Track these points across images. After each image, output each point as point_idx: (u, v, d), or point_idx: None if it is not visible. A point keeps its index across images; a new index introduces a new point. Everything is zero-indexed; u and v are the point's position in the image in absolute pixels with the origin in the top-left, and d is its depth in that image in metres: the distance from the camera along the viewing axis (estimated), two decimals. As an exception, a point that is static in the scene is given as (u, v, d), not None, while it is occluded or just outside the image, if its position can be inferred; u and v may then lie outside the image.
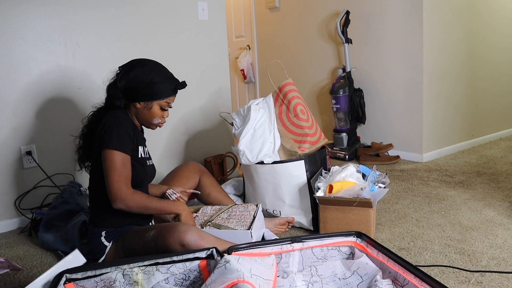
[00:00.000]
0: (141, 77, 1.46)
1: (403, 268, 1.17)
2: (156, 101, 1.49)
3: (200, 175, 1.89)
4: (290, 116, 1.97)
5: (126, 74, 1.47)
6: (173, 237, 1.32)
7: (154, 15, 2.50)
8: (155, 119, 1.52)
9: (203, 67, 2.75)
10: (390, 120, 3.15)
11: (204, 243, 1.32)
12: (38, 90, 2.16)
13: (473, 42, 3.24)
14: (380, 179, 1.83)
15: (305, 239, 1.35)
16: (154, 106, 1.50)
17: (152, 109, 1.50)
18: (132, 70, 1.47)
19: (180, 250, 1.31)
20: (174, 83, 1.52)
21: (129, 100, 1.49)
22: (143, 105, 1.50)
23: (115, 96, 1.48)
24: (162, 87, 1.48)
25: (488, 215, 1.94)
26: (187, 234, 1.32)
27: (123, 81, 1.47)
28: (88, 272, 1.13)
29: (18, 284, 1.54)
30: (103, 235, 1.47)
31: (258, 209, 1.73)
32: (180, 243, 1.31)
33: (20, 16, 2.07)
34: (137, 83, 1.46)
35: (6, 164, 2.11)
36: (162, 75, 1.49)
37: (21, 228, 2.12)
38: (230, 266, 1.09)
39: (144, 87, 1.46)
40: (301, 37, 3.82)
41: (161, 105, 1.51)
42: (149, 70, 1.48)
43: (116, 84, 1.48)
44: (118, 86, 1.47)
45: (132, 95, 1.47)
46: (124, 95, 1.48)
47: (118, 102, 1.48)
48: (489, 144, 3.42)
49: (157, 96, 1.48)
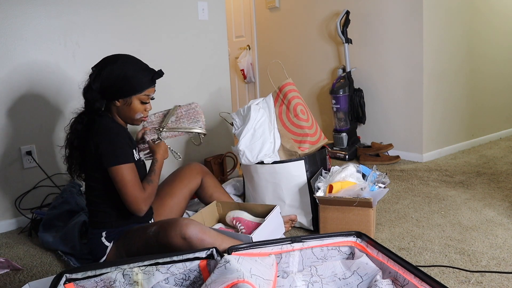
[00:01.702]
0: (114, 73, 1.42)
1: (403, 268, 1.17)
2: (135, 96, 1.46)
3: (203, 176, 1.89)
4: (290, 116, 1.97)
5: (98, 74, 1.43)
6: (175, 231, 1.32)
7: (154, 15, 2.51)
8: (137, 114, 1.49)
9: (203, 67, 2.75)
10: (390, 120, 3.15)
11: (205, 237, 1.33)
12: (38, 90, 2.16)
13: (473, 42, 3.24)
14: (380, 179, 1.83)
15: (305, 239, 1.35)
16: (133, 101, 1.46)
17: (132, 105, 1.47)
18: (104, 69, 1.43)
19: (182, 243, 1.31)
20: (150, 74, 1.47)
21: (107, 100, 1.46)
22: (122, 102, 1.46)
23: (93, 99, 1.43)
24: (138, 80, 1.44)
25: (488, 215, 1.94)
26: (189, 227, 1.32)
27: (97, 82, 1.43)
28: (88, 272, 1.13)
29: (18, 284, 1.54)
30: (104, 236, 1.47)
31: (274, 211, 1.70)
32: (182, 236, 1.31)
33: (20, 16, 2.07)
34: (111, 80, 1.42)
35: (6, 164, 2.11)
36: (136, 68, 1.45)
37: (21, 228, 2.12)
38: (230, 266, 1.09)
39: (119, 83, 1.42)
40: (301, 37, 3.82)
41: (141, 99, 1.47)
42: (121, 65, 1.43)
43: (91, 87, 1.44)
44: (93, 88, 1.43)
45: (109, 94, 1.44)
46: (102, 95, 1.44)
47: (98, 104, 1.44)
48: (489, 144, 3.42)
49: (134, 91, 1.44)
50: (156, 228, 1.38)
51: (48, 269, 1.65)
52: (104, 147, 1.39)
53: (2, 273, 1.62)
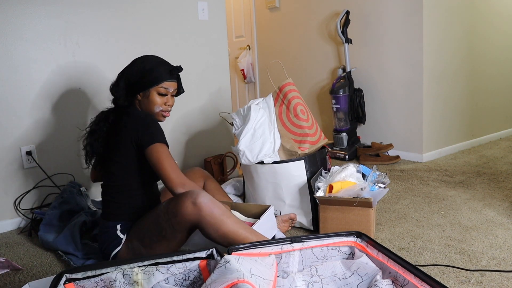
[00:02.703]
0: (134, 69, 1.52)
1: (403, 268, 1.17)
2: (153, 88, 1.52)
3: (205, 180, 1.94)
4: (290, 116, 1.97)
5: (122, 74, 1.55)
6: (186, 197, 1.34)
7: (154, 15, 2.51)
8: (156, 107, 1.54)
9: (203, 67, 2.76)
10: (390, 120, 3.15)
11: (215, 206, 1.35)
12: (38, 90, 2.16)
13: (473, 42, 3.24)
14: (380, 179, 1.83)
15: (305, 239, 1.35)
16: (151, 93, 1.52)
17: (150, 97, 1.52)
18: (127, 68, 1.55)
19: (191, 209, 1.32)
20: (168, 68, 1.54)
21: (131, 96, 1.54)
22: (142, 95, 1.53)
23: (118, 95, 1.53)
24: (155, 73, 1.51)
25: (488, 215, 1.94)
26: (200, 194, 1.35)
27: (122, 80, 1.53)
28: (88, 272, 1.13)
29: (18, 284, 1.54)
30: (119, 228, 1.48)
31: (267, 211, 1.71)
32: (193, 201, 1.33)
33: (20, 16, 2.07)
34: (132, 76, 1.51)
35: (6, 164, 2.11)
36: (153, 62, 1.54)
37: (21, 228, 2.12)
38: (230, 266, 1.09)
39: (138, 77, 1.51)
40: (301, 37, 3.82)
41: (159, 91, 1.53)
42: (140, 61, 1.54)
43: (118, 84, 1.54)
44: (120, 85, 1.54)
45: (131, 89, 1.53)
46: (126, 92, 1.53)
47: (122, 99, 1.53)
48: (489, 144, 3.42)
49: (151, 83, 1.51)
50: (168, 200, 1.43)
51: (48, 269, 1.65)
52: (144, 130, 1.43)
53: (2, 273, 1.62)
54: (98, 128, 1.56)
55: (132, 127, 1.45)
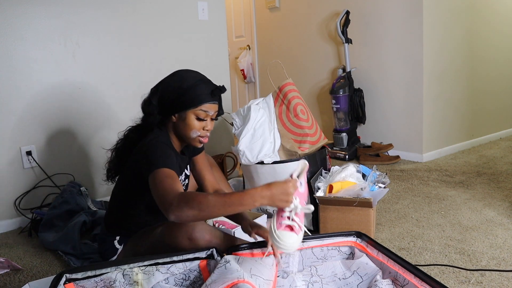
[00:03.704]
0: (170, 86, 1.33)
1: (403, 268, 1.17)
2: (190, 110, 1.31)
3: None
4: (290, 116, 1.97)
5: (157, 89, 1.36)
6: (181, 232, 1.26)
7: (154, 15, 2.51)
8: (192, 132, 1.34)
9: (203, 67, 2.75)
10: (390, 120, 3.15)
11: (212, 238, 1.28)
12: (38, 90, 2.16)
13: (473, 42, 3.24)
14: (380, 179, 1.83)
15: (305, 239, 1.35)
16: (188, 116, 1.32)
17: (187, 120, 1.32)
18: (163, 83, 1.36)
19: (188, 244, 1.26)
20: (210, 87, 1.33)
21: (164, 115, 1.36)
22: (177, 117, 1.34)
23: (149, 112, 1.35)
24: (194, 93, 1.30)
25: (488, 215, 1.94)
26: (196, 228, 1.26)
27: (155, 96, 1.35)
28: (88, 272, 1.13)
29: (18, 284, 1.54)
30: (117, 239, 1.47)
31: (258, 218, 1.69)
32: (188, 237, 1.26)
33: (20, 16, 2.07)
34: (167, 93, 1.32)
35: (6, 164, 2.11)
36: (193, 79, 1.33)
37: (21, 228, 2.12)
38: (230, 266, 1.09)
39: (174, 96, 1.31)
40: (301, 37, 3.82)
41: (197, 114, 1.32)
42: (179, 77, 1.34)
43: (150, 101, 1.35)
44: (152, 102, 1.35)
45: (165, 108, 1.34)
46: (159, 111, 1.35)
47: (152, 118, 1.35)
48: (489, 144, 3.42)
49: (189, 104, 1.30)
50: (162, 229, 1.34)
51: (48, 269, 1.65)
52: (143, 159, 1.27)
53: (2, 273, 1.62)
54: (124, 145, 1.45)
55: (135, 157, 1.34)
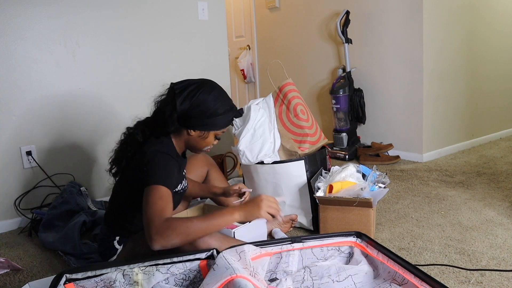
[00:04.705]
0: (206, 105, 1.34)
1: (403, 268, 1.17)
2: (214, 131, 1.41)
3: (208, 168, 1.84)
4: (290, 116, 1.97)
5: (190, 98, 1.33)
6: None
7: (154, 15, 2.51)
8: (206, 147, 1.45)
9: (203, 67, 2.75)
10: (390, 120, 3.15)
11: (211, 240, 1.28)
12: (38, 90, 2.16)
13: (473, 42, 3.24)
14: (380, 179, 1.83)
15: (305, 239, 1.35)
16: (210, 135, 1.41)
17: (208, 139, 1.41)
18: (198, 95, 1.34)
19: (188, 247, 1.26)
20: (234, 114, 1.43)
21: (183, 126, 1.37)
22: (198, 133, 1.39)
23: (171, 120, 1.33)
24: (224, 118, 1.38)
25: (488, 215, 1.94)
26: None
27: (186, 105, 1.33)
28: (88, 272, 1.13)
29: (18, 284, 1.54)
30: (117, 239, 1.47)
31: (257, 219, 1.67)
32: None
33: (20, 16, 2.07)
34: (201, 112, 1.34)
35: (6, 164, 2.11)
36: (227, 105, 1.39)
37: (21, 228, 2.12)
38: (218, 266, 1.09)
39: (207, 117, 1.35)
40: (301, 37, 3.82)
41: (217, 134, 1.43)
42: (215, 98, 1.36)
43: (175, 107, 1.32)
44: (177, 109, 1.32)
45: (190, 122, 1.36)
46: (180, 119, 1.34)
47: (172, 127, 1.35)
48: (489, 144, 3.42)
49: (216, 127, 1.39)
50: None
51: (48, 269, 1.65)
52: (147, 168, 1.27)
53: (2, 273, 1.62)
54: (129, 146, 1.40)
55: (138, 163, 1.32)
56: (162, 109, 1.36)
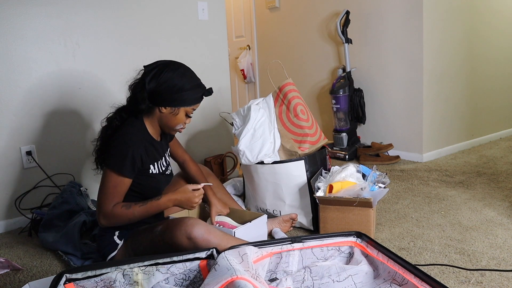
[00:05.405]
0: (172, 81, 1.41)
1: (403, 268, 1.17)
2: (183, 107, 1.46)
3: (207, 177, 1.89)
4: (290, 116, 1.97)
5: (156, 76, 1.41)
6: (180, 231, 1.31)
7: (154, 15, 2.51)
8: (178, 125, 1.49)
9: (203, 67, 2.75)
10: (390, 120, 3.15)
11: (211, 237, 1.31)
12: (38, 90, 2.16)
13: (473, 42, 3.24)
14: (380, 179, 1.83)
15: (305, 239, 1.35)
16: (180, 112, 1.46)
17: (178, 115, 1.46)
18: (163, 73, 1.41)
19: (187, 244, 1.30)
20: (203, 90, 1.49)
21: (154, 104, 1.44)
22: (169, 110, 1.45)
23: (142, 98, 1.42)
24: (191, 94, 1.44)
25: (488, 215, 1.94)
26: (195, 227, 1.31)
27: (153, 83, 1.41)
28: (88, 272, 1.13)
29: (18, 284, 1.54)
30: (116, 234, 1.48)
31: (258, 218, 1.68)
32: (187, 236, 1.30)
33: (20, 16, 2.07)
34: (168, 87, 1.41)
35: (6, 164, 2.11)
36: (193, 82, 1.46)
37: (21, 228, 2.12)
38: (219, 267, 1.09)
39: (174, 92, 1.41)
40: (301, 37, 3.82)
41: (187, 112, 1.48)
42: (181, 74, 1.43)
43: (144, 86, 1.41)
44: (146, 88, 1.41)
45: (160, 99, 1.42)
46: (150, 97, 1.42)
47: (143, 105, 1.42)
48: (489, 144, 3.42)
49: (185, 103, 1.45)
50: (162, 228, 1.38)
51: (48, 269, 1.66)
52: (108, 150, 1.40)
53: (2, 273, 1.62)
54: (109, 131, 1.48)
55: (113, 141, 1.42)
56: (135, 92, 1.45)
